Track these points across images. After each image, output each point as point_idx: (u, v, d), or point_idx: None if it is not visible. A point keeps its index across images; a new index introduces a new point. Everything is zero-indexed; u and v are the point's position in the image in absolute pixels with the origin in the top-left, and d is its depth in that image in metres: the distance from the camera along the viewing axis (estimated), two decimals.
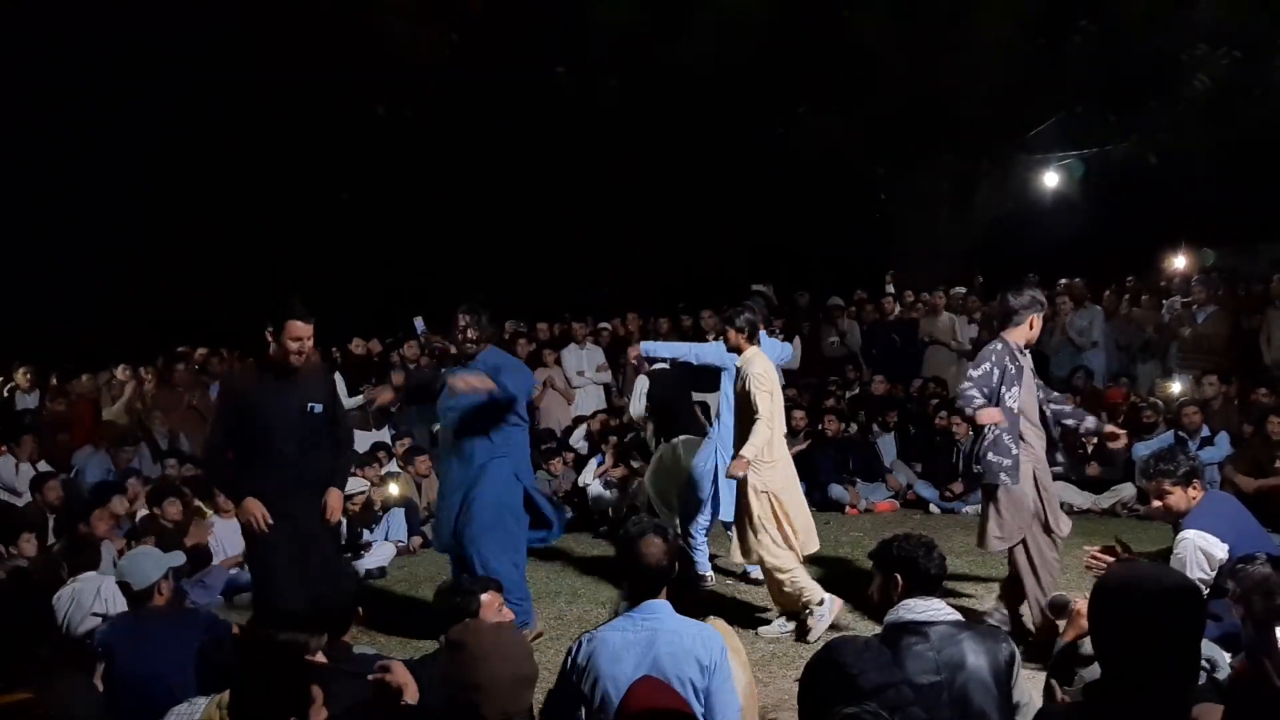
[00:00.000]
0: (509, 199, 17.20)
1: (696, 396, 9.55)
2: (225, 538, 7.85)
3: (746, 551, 5.97)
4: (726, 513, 6.81)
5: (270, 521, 5.05)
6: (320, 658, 3.69)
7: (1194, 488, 4.62)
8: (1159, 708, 2.17)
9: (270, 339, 5.08)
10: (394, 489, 9.07)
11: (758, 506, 5.84)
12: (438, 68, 14.98)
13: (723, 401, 6.95)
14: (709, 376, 7.41)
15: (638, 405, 8.83)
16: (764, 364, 5.98)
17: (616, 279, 16.42)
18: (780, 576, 5.83)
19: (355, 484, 8.56)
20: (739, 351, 6.05)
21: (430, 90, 15.32)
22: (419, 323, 12.00)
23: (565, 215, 17.34)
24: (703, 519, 7.10)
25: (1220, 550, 4.31)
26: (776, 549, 5.83)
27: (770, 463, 5.88)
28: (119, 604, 5.15)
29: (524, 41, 14.74)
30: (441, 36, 14.61)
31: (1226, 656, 3.72)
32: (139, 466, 9.92)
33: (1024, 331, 5.60)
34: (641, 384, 8.55)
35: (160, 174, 16.70)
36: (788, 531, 5.87)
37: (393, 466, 9.62)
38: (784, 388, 11.29)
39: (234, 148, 16.33)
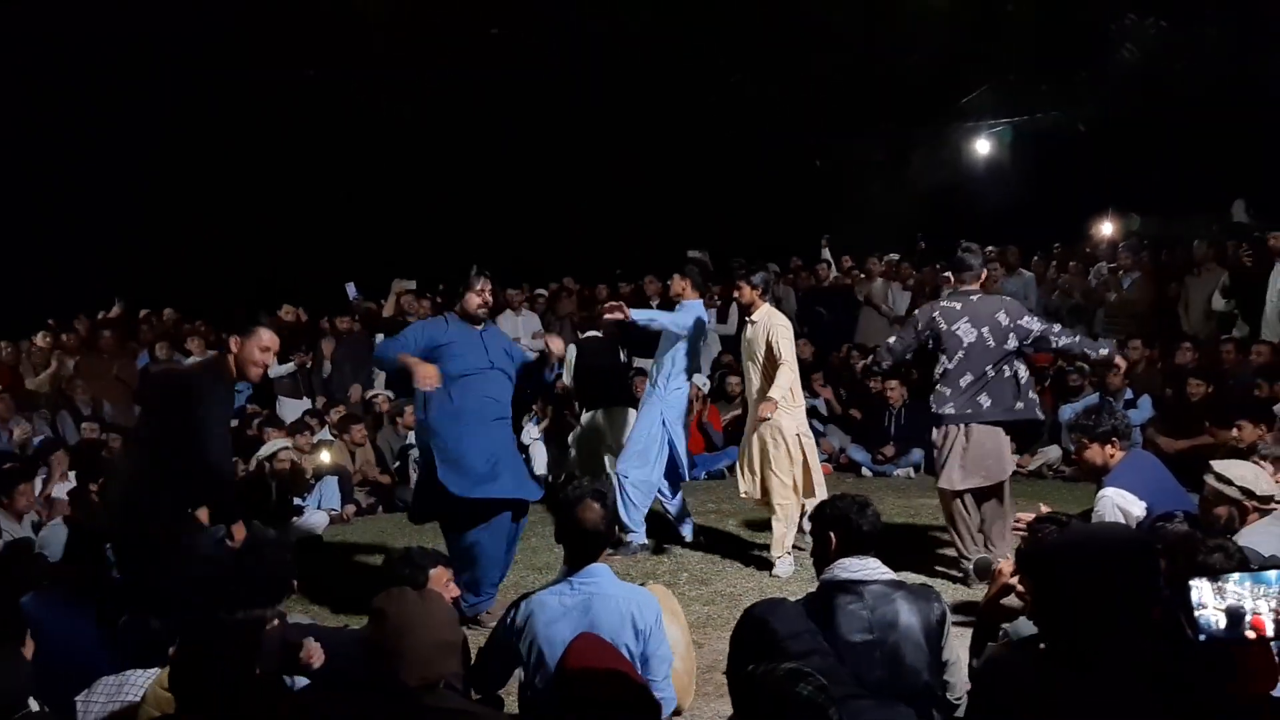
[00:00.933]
0: (440, 167, 17.00)
1: (638, 362, 9.59)
2: None
3: (769, 491, 6.27)
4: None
5: None
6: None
7: (1112, 446, 4.74)
8: (1118, 666, 2.22)
9: (234, 347, 4.57)
10: (325, 456, 8.97)
11: (792, 448, 6.22)
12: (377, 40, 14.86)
13: (667, 364, 6.91)
14: (648, 341, 7.41)
15: (566, 374, 8.83)
16: (784, 317, 6.42)
17: (554, 245, 16.34)
18: (783, 516, 6.24)
19: (277, 444, 8.47)
20: (752, 308, 6.39)
21: (369, 61, 15.19)
22: (351, 288, 11.81)
23: (499, 182, 17.20)
24: (646, 485, 7.00)
25: (1138, 508, 4.42)
26: (790, 492, 6.24)
27: (800, 406, 6.37)
28: None
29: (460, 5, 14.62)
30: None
31: None
32: (64, 436, 9.67)
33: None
34: (570, 353, 8.53)
35: (149, 164, 16.42)
36: (809, 474, 6.30)
37: (325, 434, 9.49)
38: (720, 354, 11.45)
39: (210, 138, 16.17)
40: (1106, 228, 12.29)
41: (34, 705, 3.65)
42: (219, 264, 16.11)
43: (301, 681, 3.57)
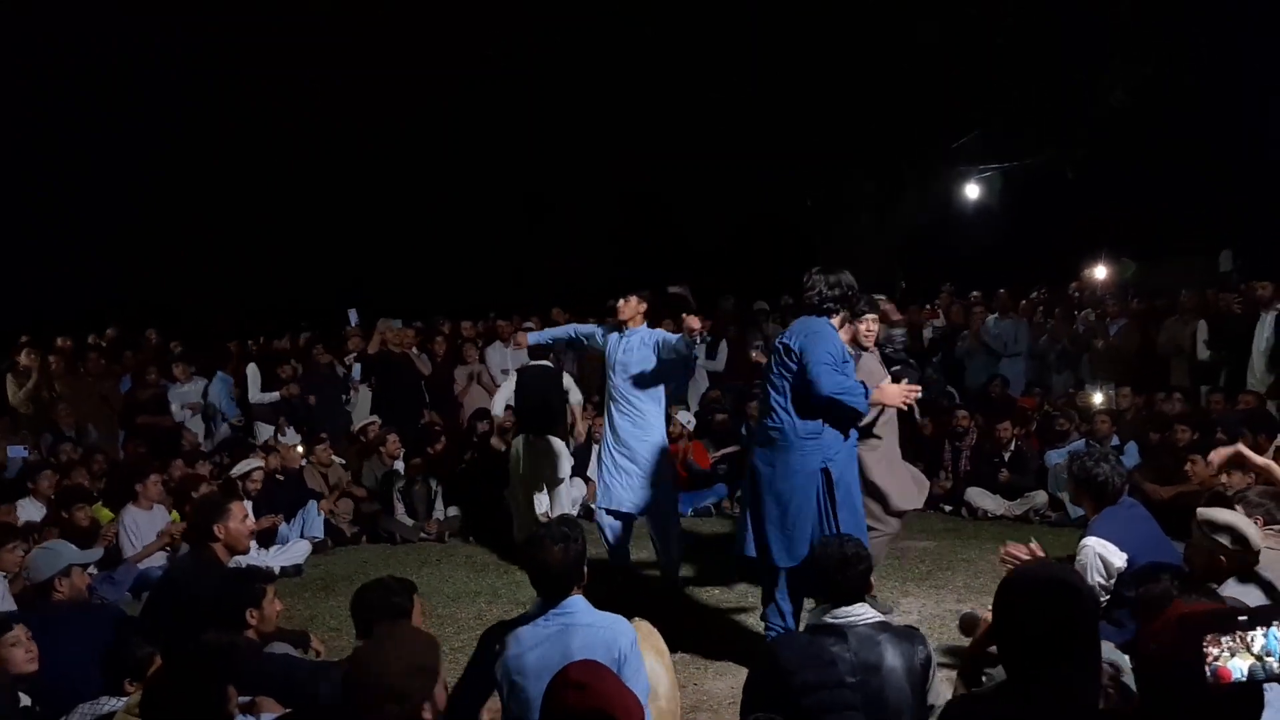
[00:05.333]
0: (437, 199, 17.13)
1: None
2: (143, 527, 7.64)
3: None
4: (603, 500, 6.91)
5: None
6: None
7: (1084, 496, 4.74)
8: (1063, 699, 2.24)
9: (220, 534, 4.68)
10: (300, 449, 9.30)
11: None
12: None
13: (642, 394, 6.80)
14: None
15: (499, 406, 8.82)
16: None
17: (541, 277, 16.42)
18: None
19: (250, 463, 8.44)
20: None
21: (381, 79, 15.39)
22: (353, 314, 11.79)
23: (490, 213, 17.34)
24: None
25: (1118, 559, 4.40)
26: None
27: None
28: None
29: (456, 36, 14.80)
30: None
31: (1129, 661, 3.82)
32: (46, 457, 9.58)
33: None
34: (510, 382, 8.53)
35: (145, 184, 16.56)
36: None
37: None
38: (708, 389, 11.47)
39: (211, 158, 16.35)
40: (1100, 272, 12.37)
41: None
42: (224, 276, 16.17)
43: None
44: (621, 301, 6.77)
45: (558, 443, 7.87)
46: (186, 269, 15.70)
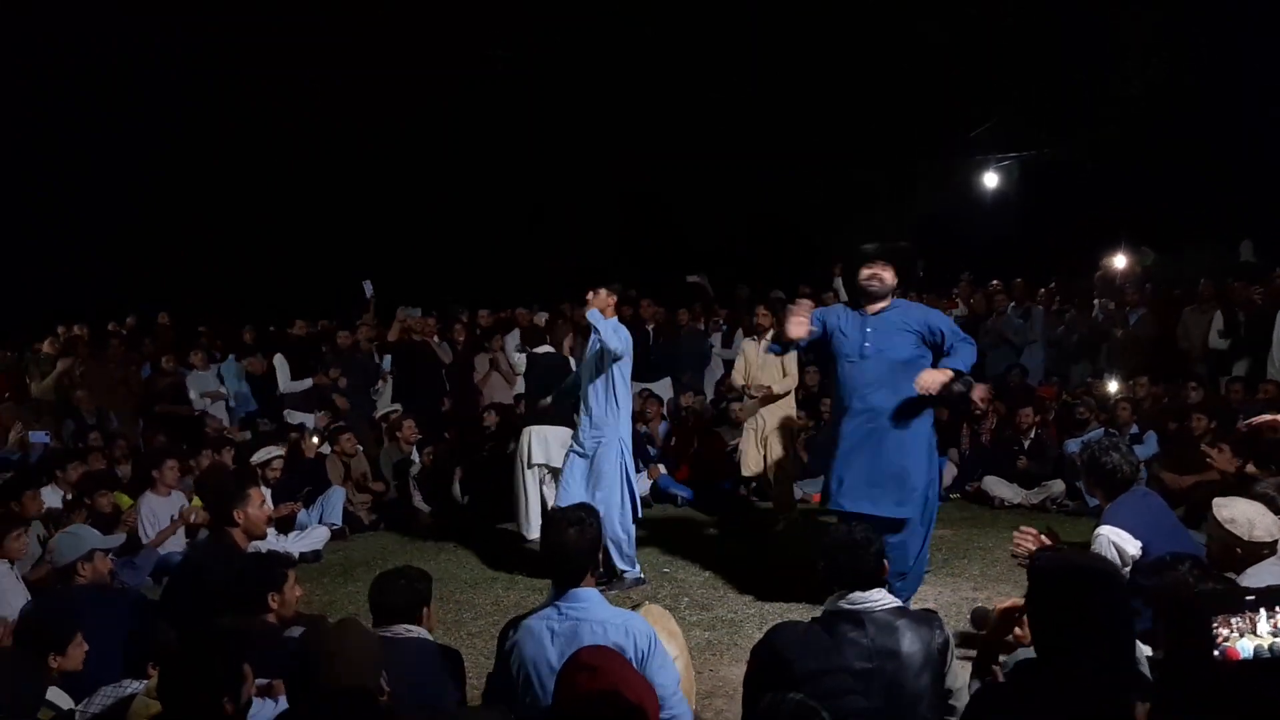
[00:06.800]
0: (455, 187, 17.15)
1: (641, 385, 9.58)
2: (160, 514, 7.70)
3: None
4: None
5: None
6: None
7: (1093, 485, 4.79)
8: (1094, 686, 2.25)
9: (240, 519, 4.72)
10: (315, 439, 9.28)
11: None
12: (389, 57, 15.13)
13: (604, 395, 6.71)
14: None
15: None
16: None
17: (541, 277, 16.47)
18: None
19: (270, 451, 8.48)
20: None
21: (381, 79, 15.43)
22: (368, 286, 11.79)
23: (490, 213, 17.39)
24: (625, 525, 6.75)
25: (1133, 547, 4.39)
26: None
27: None
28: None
29: (456, 37, 14.89)
30: None
31: (1146, 650, 3.81)
32: (69, 443, 9.66)
33: None
34: (521, 362, 8.49)
35: (156, 173, 16.66)
36: None
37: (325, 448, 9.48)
38: (723, 376, 11.47)
39: (221, 148, 16.41)
40: (1119, 262, 12.29)
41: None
42: (227, 272, 16.23)
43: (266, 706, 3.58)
44: (590, 293, 6.67)
45: (566, 433, 7.87)
46: (188, 270, 15.76)
